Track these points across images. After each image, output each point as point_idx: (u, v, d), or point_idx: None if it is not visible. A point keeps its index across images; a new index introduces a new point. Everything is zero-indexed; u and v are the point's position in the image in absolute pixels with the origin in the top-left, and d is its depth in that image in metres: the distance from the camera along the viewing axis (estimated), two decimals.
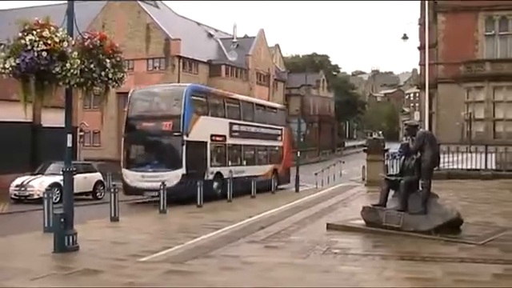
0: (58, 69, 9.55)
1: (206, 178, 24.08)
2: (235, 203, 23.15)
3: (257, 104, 32.76)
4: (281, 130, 33.86)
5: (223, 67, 59.77)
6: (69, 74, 9.65)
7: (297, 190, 30.44)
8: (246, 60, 64.44)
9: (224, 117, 27.21)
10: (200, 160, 24.23)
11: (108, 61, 10.10)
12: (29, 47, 9.32)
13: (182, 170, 22.96)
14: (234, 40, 66.99)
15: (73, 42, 9.97)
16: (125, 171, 24.15)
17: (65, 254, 10.34)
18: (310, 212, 16.25)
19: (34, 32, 9.39)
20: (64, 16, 10.34)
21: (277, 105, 37.63)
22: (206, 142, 24.92)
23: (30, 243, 12.44)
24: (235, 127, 27.99)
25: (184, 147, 23.02)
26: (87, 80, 9.99)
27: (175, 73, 51.42)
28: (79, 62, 9.74)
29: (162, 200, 18.97)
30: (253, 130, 29.87)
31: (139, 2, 55.31)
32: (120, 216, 16.50)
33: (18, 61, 9.38)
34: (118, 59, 10.38)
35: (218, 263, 9.45)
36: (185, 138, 23.11)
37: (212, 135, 25.51)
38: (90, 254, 10.48)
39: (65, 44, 9.62)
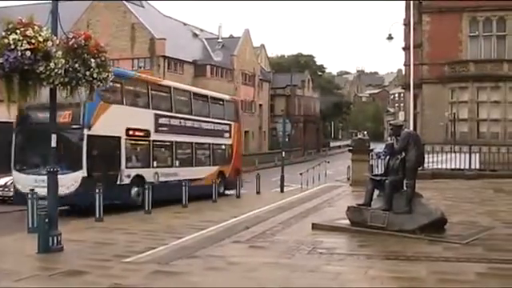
0: (42, 68, 9.48)
1: (119, 182, 19.78)
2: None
3: (196, 94, 27.22)
4: (229, 125, 29.01)
5: (208, 67, 59.78)
6: (53, 74, 9.59)
7: (282, 191, 30.43)
8: (232, 60, 64.46)
9: (147, 107, 22.21)
10: (110, 160, 19.71)
11: (93, 60, 10.05)
12: (12, 46, 9.24)
13: (83, 172, 18.35)
14: (220, 40, 67.00)
15: (57, 42, 9.91)
16: (15, 174, 19.81)
17: (49, 255, 10.29)
18: (295, 212, 16.27)
19: (18, 31, 9.31)
20: (48, 15, 10.28)
21: (224, 96, 31.87)
22: (120, 138, 20.14)
23: (13, 244, 12.35)
24: (163, 120, 23.07)
25: (85, 143, 18.42)
26: (72, 80, 9.93)
27: (160, 73, 51.31)
28: (63, 61, 9.68)
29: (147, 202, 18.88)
30: (189, 124, 25.05)
31: (124, 1, 55.16)
32: (104, 216, 16.48)
33: (1, 60, 9.30)
34: (103, 59, 10.32)
35: (203, 263, 9.45)
36: (86, 131, 18.48)
37: (129, 129, 20.70)
38: (75, 255, 10.43)
39: (49, 43, 9.56)
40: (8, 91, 9.75)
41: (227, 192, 27.71)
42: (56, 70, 9.59)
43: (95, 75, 10.13)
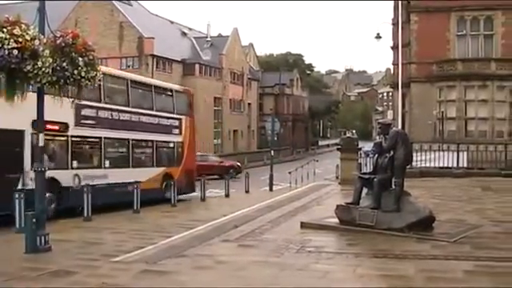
0: (29, 67, 9.40)
1: (22, 186, 15.81)
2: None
3: (134, 82, 22.61)
4: (179, 119, 24.86)
5: (197, 66, 59.71)
6: (40, 73, 9.53)
7: (271, 189, 30.44)
8: (220, 59, 64.43)
9: (66, 95, 16.19)
10: (9, 159, 15.92)
11: (80, 59, 10.02)
12: None
13: None
14: (208, 39, 66.99)
15: (44, 40, 9.85)
16: None
17: (37, 255, 10.22)
18: (284, 211, 16.28)
19: (5, 30, 9.22)
20: (35, 14, 10.22)
21: (173, 86, 27.50)
22: (23, 132, 16.13)
23: (1, 244, 12.27)
24: (88, 112, 18.78)
25: None
26: (59, 79, 9.90)
27: (149, 71, 51.18)
28: (51, 60, 9.64)
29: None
30: (125, 117, 20.95)
31: (112, 0, 55.01)
32: (93, 216, 16.42)
33: None
34: (91, 57, 10.30)
35: (192, 263, 9.43)
36: None
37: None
38: (63, 255, 10.37)
39: (36, 42, 9.48)
40: None
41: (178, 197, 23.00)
42: (43, 69, 9.53)
43: (83, 74, 10.12)
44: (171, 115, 24.32)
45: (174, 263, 9.46)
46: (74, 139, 18.36)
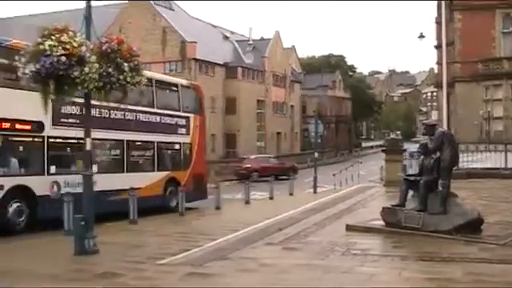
0: (76, 73, 9.66)
1: None
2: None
3: None
4: (187, 118, 22.19)
5: (239, 69, 60.07)
6: (87, 79, 9.76)
7: (315, 192, 30.35)
8: (262, 62, 64.62)
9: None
10: None
11: (126, 64, 10.19)
12: (48, 52, 9.43)
13: None
14: (250, 42, 67.24)
15: (91, 47, 10.07)
16: None
17: (85, 257, 10.42)
18: (329, 213, 16.21)
19: (53, 37, 9.49)
20: (82, 21, 10.44)
21: (178, 80, 24.80)
22: None
23: (50, 246, 12.54)
24: (69, 109, 16.24)
25: None
26: (106, 84, 10.09)
27: (192, 75, 51.64)
28: (97, 66, 9.84)
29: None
30: (118, 115, 18.16)
31: (154, 5, 55.71)
32: (138, 219, 16.63)
33: (37, 66, 9.51)
34: (136, 63, 10.46)
35: (236, 265, 9.47)
36: None
37: (2, 120, 14.55)
38: (110, 257, 10.55)
39: (83, 48, 9.73)
40: (45, 96, 9.99)
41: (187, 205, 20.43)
42: (90, 75, 9.77)
43: (128, 79, 10.28)
44: (177, 113, 21.63)
45: (219, 266, 9.51)
46: (51, 140, 15.84)
